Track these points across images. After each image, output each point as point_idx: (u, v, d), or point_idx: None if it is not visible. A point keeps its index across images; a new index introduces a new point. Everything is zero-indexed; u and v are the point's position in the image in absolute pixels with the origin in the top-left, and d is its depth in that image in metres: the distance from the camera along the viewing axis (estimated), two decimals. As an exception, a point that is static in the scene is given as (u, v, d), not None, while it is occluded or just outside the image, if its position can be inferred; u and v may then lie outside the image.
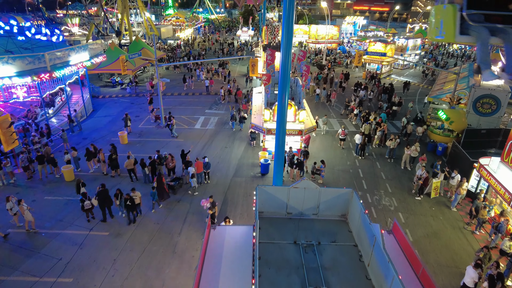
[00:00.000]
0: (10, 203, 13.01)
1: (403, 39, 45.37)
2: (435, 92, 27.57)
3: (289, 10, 11.89)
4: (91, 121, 25.67)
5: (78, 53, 22.80)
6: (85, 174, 17.84)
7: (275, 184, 14.67)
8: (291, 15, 12.00)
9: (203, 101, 30.79)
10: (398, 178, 18.32)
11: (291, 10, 11.91)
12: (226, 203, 15.49)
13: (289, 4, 11.81)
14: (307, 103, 21.68)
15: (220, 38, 74.75)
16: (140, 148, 20.83)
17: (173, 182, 16.47)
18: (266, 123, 18.39)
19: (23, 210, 13.00)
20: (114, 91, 34.10)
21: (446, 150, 21.23)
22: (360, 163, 19.74)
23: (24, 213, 13.01)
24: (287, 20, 11.99)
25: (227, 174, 18.02)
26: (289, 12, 11.91)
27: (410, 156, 19.08)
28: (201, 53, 50.64)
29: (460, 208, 15.72)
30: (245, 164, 19.12)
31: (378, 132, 21.59)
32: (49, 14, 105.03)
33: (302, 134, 18.04)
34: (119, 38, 48.33)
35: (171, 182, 16.46)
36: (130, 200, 13.61)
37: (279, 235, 8.81)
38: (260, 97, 24.27)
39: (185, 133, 23.10)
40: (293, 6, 11.95)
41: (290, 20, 12.07)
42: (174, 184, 16.35)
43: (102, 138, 22.21)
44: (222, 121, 25.79)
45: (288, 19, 12.00)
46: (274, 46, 32.58)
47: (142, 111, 27.43)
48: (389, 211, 15.32)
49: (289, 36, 12.20)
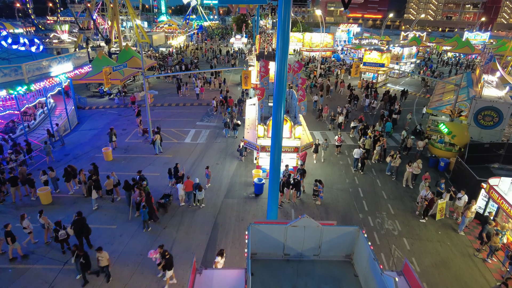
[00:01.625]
0: (26, 220, 12.53)
1: (398, 47, 44.82)
2: (434, 103, 26.75)
3: (285, 19, 10.82)
4: (75, 135, 24.27)
5: (60, 64, 21.50)
6: (65, 195, 16.46)
7: (269, 208, 13.48)
8: (287, 24, 10.92)
9: (194, 112, 29.59)
10: (400, 197, 17.25)
11: (286, 19, 10.84)
12: (217, 228, 14.22)
13: (284, 13, 10.75)
14: (303, 117, 20.57)
15: (213, 45, 73.82)
16: (126, 165, 19.50)
17: (163, 199, 15.35)
18: (260, 139, 17.23)
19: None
20: (102, 101, 32.72)
21: (449, 166, 20.28)
22: (359, 180, 18.65)
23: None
24: (283, 29, 10.91)
25: (218, 195, 16.77)
26: (285, 21, 10.83)
27: (412, 173, 18.06)
28: (194, 62, 49.50)
29: (468, 231, 14.66)
30: (237, 183, 17.90)
31: (377, 147, 20.57)
32: (39, 20, 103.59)
33: (299, 151, 16.91)
34: (109, 46, 47.09)
35: (161, 199, 15.34)
36: (85, 257, 10.91)
37: (275, 281, 7.63)
38: (253, 109, 23.16)
39: (174, 148, 21.84)
40: (289, 14, 10.88)
41: (286, 30, 10.98)
42: (164, 202, 15.24)
43: (86, 154, 20.83)
44: (214, 134, 24.59)
45: (284, 28, 10.92)
46: (268, 55, 31.60)
47: (130, 124, 26.11)
48: (392, 236, 14.19)
49: (285, 46, 11.10)
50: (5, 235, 11.80)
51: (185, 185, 15.47)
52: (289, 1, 10.86)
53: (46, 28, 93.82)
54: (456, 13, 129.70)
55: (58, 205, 15.55)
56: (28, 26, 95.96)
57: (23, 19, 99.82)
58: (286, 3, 10.70)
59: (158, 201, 15.25)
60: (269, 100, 22.65)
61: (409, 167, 17.90)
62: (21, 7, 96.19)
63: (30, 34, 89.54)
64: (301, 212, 15.45)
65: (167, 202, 15.40)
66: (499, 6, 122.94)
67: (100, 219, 14.70)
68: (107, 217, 14.83)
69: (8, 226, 11.94)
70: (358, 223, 14.91)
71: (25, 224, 12.57)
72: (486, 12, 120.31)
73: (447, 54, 64.22)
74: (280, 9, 10.78)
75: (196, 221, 14.68)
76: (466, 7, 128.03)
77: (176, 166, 17.16)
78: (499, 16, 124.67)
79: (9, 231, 11.84)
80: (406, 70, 45.95)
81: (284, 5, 10.68)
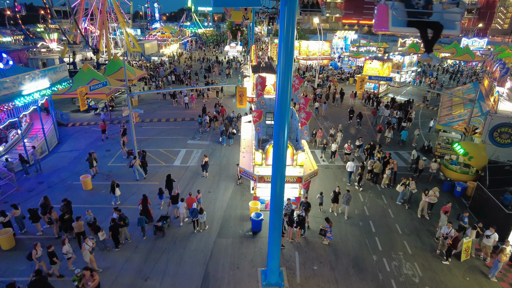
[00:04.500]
0: (66, 246, 11.81)
1: (399, 56, 43.21)
2: (444, 118, 24.94)
3: (288, 29, 8.76)
4: (54, 157, 21.99)
5: (34, 81, 19.30)
6: (32, 237, 14.19)
7: (270, 256, 11.40)
8: (291, 35, 8.87)
9: (186, 128, 27.46)
10: (416, 231, 15.22)
11: (290, 28, 8.78)
12: (207, 280, 12.03)
13: (288, 21, 8.71)
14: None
15: (207, 55, 71.90)
16: (106, 195, 17.28)
17: (160, 222, 14.48)
18: (257, 167, 15.15)
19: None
20: (87, 117, 30.47)
21: (466, 191, 18.35)
22: (369, 210, 16.61)
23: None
24: (286, 41, 8.86)
25: (210, 233, 14.60)
26: (288, 31, 8.77)
27: (429, 202, 16.08)
28: (186, 72, 47.46)
29: (501, 276, 12.65)
30: (232, 217, 15.75)
31: (387, 171, 18.58)
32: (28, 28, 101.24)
33: (302, 181, 14.84)
34: (97, 57, 44.96)
35: (157, 222, 14.45)
36: None
37: None
38: (249, 127, 21.11)
39: (162, 173, 19.40)
40: (293, 23, 8.86)
41: (290, 42, 8.92)
42: (162, 225, 14.32)
43: (62, 182, 18.59)
44: (206, 154, 22.41)
45: (287, 40, 8.87)
46: (265, 67, 29.65)
47: (115, 144, 23.88)
48: (413, 285, 12.13)
49: (288, 61, 9.08)
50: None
51: (187, 202, 14.83)
52: (294, 7, 8.86)
53: (36, 37, 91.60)
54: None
55: (21, 251, 13.25)
56: (17, 34, 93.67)
57: (14, 26, 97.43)
58: (290, 9, 8.68)
59: (155, 224, 14.37)
60: (266, 117, 20.63)
61: (425, 196, 15.90)
62: (12, 14, 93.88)
63: (19, 43, 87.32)
64: (306, 255, 13.36)
65: (165, 225, 14.45)
66: (493, 12, 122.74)
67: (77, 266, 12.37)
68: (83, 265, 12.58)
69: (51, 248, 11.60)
70: (372, 267, 12.85)
71: (65, 249, 11.82)
72: (480, 18, 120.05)
73: (447, 61, 62.88)
74: (282, 17, 8.77)
75: (184, 269, 12.50)
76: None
77: (169, 177, 16.62)
78: (493, 21, 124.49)
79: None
80: (407, 79, 44.35)
81: (287, 12, 8.68)
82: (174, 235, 14.45)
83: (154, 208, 15.78)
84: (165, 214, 15.33)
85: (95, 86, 16.83)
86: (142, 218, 13.87)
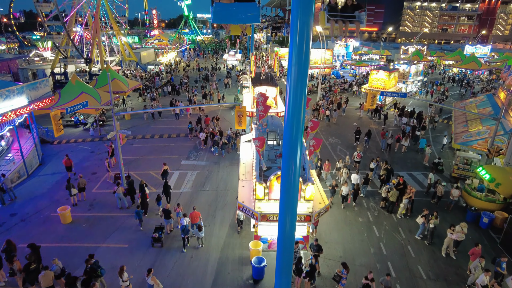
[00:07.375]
0: (125, 273, 11.16)
1: (404, 65, 41.42)
2: (460, 136, 22.93)
3: (302, 38, 6.52)
4: (33, 182, 19.87)
5: (8, 99, 17.29)
6: (-6, 287, 12.09)
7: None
8: (305, 46, 6.61)
9: (180, 145, 25.41)
10: (443, 275, 13.12)
11: (305, 37, 6.56)
12: None
13: (301, 29, 6.48)
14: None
15: (205, 64, 70.13)
16: (87, 231, 15.17)
17: (157, 233, 14.21)
18: (259, 202, 13.07)
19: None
20: (74, 133, 28.41)
21: (493, 222, 16.27)
22: (386, 249, 14.50)
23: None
24: (299, 53, 6.62)
25: (203, 282, 12.47)
26: (302, 42, 6.55)
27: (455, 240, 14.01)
28: (183, 82, 45.57)
29: None
30: (230, 259, 13.62)
31: (404, 200, 16.50)
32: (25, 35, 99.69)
33: (311, 219, 12.76)
34: (90, 66, 43.08)
35: (154, 234, 14.22)
36: None
37: None
38: (249, 148, 19.08)
39: (152, 200, 17.21)
40: (309, 31, 6.60)
41: (304, 55, 6.62)
42: (160, 236, 14.13)
43: (38, 214, 16.46)
44: (202, 177, 20.40)
45: (301, 52, 6.61)
46: (265, 79, 27.70)
47: (102, 165, 21.76)
48: None
49: (302, 77, 6.96)
50: None
51: (191, 217, 14.61)
52: (310, 13, 6.60)
53: (31, 44, 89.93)
54: (452, 25, 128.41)
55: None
56: (13, 42, 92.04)
57: (11, 34, 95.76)
58: (305, 13, 6.44)
59: (152, 236, 14.17)
60: (268, 137, 18.61)
61: (451, 233, 13.83)
62: (8, 22, 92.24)
63: (13, 51, 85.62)
64: (317, 311, 11.24)
65: (161, 236, 14.20)
66: (494, 18, 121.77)
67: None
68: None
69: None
70: (397, 328, 10.75)
71: (125, 277, 11.17)
72: (481, 24, 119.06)
73: (452, 69, 61.18)
74: (294, 22, 6.61)
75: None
76: (461, 19, 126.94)
77: (166, 184, 16.86)
78: (494, 28, 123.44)
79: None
80: (413, 89, 42.46)
81: (300, 17, 6.49)
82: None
83: (152, 214, 16.45)
84: (159, 225, 14.88)
85: (73, 107, 14.72)
86: (140, 211, 15.08)
